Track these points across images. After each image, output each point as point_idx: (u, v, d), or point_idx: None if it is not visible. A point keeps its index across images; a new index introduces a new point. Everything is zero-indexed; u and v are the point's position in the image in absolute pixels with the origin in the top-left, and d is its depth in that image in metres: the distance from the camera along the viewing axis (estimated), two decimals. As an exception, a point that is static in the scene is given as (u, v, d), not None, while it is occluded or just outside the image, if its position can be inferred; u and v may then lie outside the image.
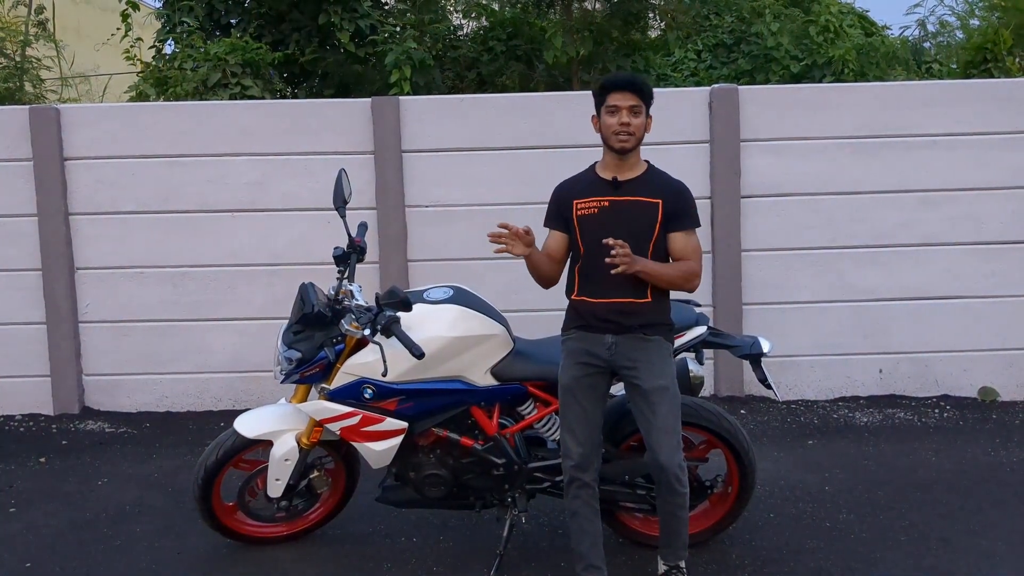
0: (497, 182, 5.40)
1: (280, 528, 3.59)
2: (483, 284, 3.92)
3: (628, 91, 2.86)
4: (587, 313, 2.95)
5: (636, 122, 2.87)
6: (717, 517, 3.47)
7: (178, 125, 5.40)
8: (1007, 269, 5.41)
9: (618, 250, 2.70)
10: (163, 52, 7.76)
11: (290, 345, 3.25)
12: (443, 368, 3.20)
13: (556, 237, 3.03)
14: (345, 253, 3.37)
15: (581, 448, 2.95)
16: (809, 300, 5.45)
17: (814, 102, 5.38)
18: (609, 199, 2.92)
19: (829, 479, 4.24)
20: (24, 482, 4.43)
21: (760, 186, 5.39)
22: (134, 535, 3.74)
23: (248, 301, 5.45)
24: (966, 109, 5.34)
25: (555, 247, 3.03)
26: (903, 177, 5.38)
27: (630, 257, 2.73)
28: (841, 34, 8.35)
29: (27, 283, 5.42)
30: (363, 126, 5.40)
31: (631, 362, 2.91)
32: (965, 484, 4.14)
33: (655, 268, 2.85)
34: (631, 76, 2.95)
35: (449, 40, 8.73)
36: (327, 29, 7.59)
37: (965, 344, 5.45)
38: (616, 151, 2.91)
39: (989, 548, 3.46)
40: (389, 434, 3.21)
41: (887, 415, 5.21)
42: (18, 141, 5.37)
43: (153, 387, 5.51)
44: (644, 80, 2.93)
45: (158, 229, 5.42)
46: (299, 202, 5.40)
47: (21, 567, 3.47)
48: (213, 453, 3.38)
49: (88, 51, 10.51)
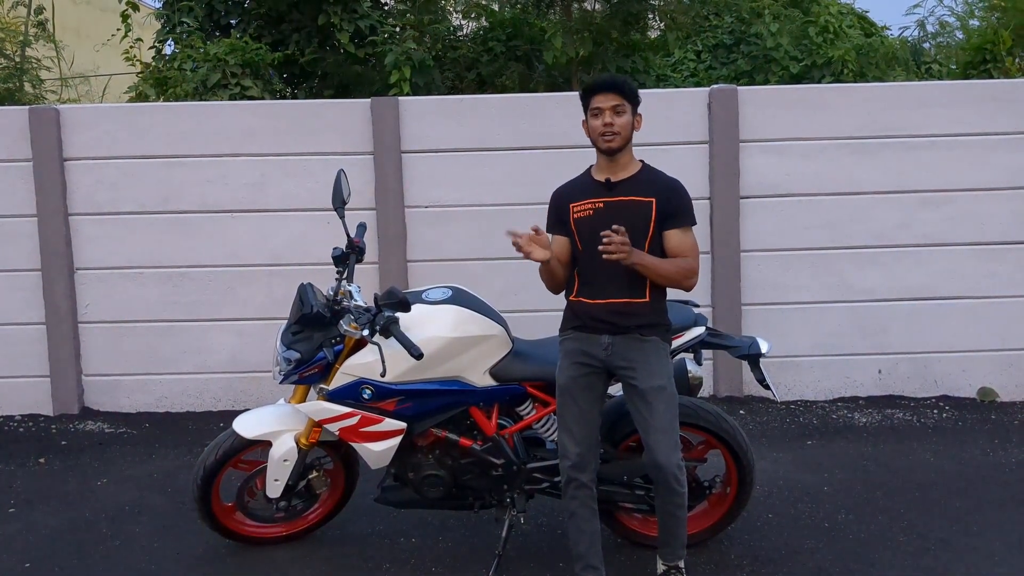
0: (497, 183, 5.40)
1: (279, 528, 3.59)
2: (482, 285, 3.93)
3: (609, 92, 2.87)
4: (584, 314, 2.95)
5: (620, 121, 2.88)
6: (716, 517, 3.47)
7: (178, 126, 5.41)
8: (1006, 269, 5.41)
9: (614, 237, 2.68)
10: (163, 53, 7.77)
11: (289, 345, 3.25)
12: (442, 369, 3.20)
13: (560, 242, 3.03)
14: (344, 253, 3.38)
15: (579, 448, 2.95)
16: (808, 300, 5.45)
17: (813, 102, 5.39)
18: (603, 200, 2.92)
19: (828, 479, 4.24)
20: (23, 482, 4.43)
21: (759, 186, 5.40)
22: (133, 535, 3.75)
23: (247, 301, 5.46)
24: (965, 110, 5.35)
25: (560, 252, 3.02)
26: (902, 177, 5.38)
27: (628, 246, 2.71)
28: (841, 35, 8.36)
29: (27, 283, 5.43)
30: (362, 127, 5.40)
31: (628, 362, 2.91)
32: (964, 485, 4.14)
33: (652, 261, 2.84)
34: (611, 77, 2.95)
35: (449, 41, 8.73)
36: (327, 29, 7.59)
37: (964, 344, 5.45)
38: (604, 152, 2.92)
39: (988, 548, 3.46)
40: (388, 434, 3.21)
41: (886, 415, 5.21)
42: (18, 142, 5.38)
43: (152, 387, 5.51)
44: (625, 80, 2.94)
45: (158, 229, 5.43)
46: (298, 202, 5.41)
47: (20, 567, 3.47)
48: (212, 453, 3.38)
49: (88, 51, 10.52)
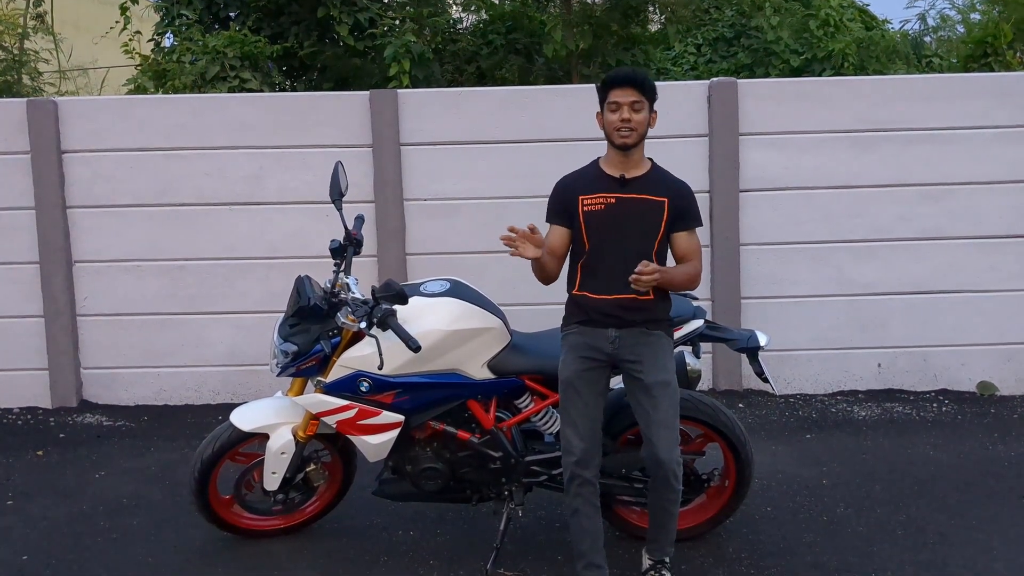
0: (496, 176, 5.39)
1: (277, 521, 3.59)
2: (481, 278, 3.91)
3: (629, 87, 2.84)
4: (590, 308, 2.93)
5: (637, 118, 2.85)
6: (714, 511, 3.47)
7: (176, 118, 5.39)
8: (1006, 263, 5.40)
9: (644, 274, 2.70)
10: (162, 45, 7.76)
11: (286, 338, 3.24)
12: (440, 361, 3.19)
13: (559, 232, 2.99)
14: (341, 246, 3.37)
15: (584, 443, 2.93)
16: (807, 294, 5.44)
17: (813, 96, 5.37)
18: (616, 196, 2.90)
19: (827, 473, 4.24)
20: (22, 475, 4.43)
21: (759, 180, 5.38)
22: (131, 528, 3.75)
23: (245, 294, 5.45)
24: (966, 103, 5.33)
25: (557, 243, 2.99)
26: (902, 171, 5.37)
27: (658, 273, 2.73)
28: (841, 28, 8.33)
29: (25, 276, 5.41)
30: (361, 119, 5.38)
31: (635, 356, 2.91)
32: (963, 478, 4.14)
33: (670, 275, 2.85)
34: (632, 72, 2.92)
35: (448, 33, 8.71)
36: (326, 22, 7.57)
37: (964, 338, 5.44)
38: (618, 147, 2.90)
39: (986, 542, 3.46)
40: (386, 427, 3.21)
41: (885, 409, 5.20)
42: (16, 134, 5.36)
43: (151, 380, 5.51)
44: (645, 75, 2.90)
45: (156, 222, 5.41)
46: (296, 195, 5.39)
47: (18, 560, 3.47)
48: (209, 446, 3.38)
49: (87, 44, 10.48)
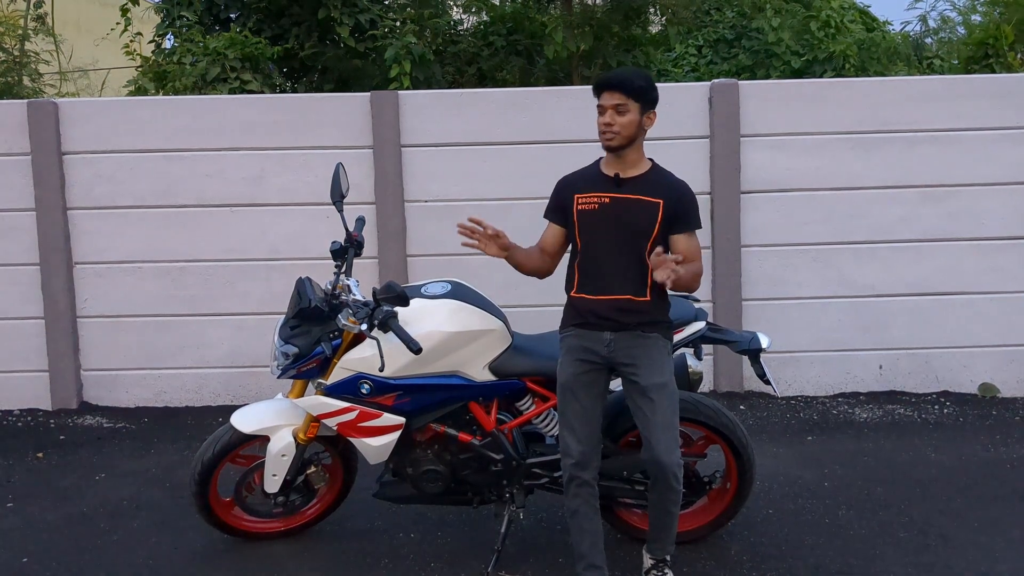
0: (496, 177, 5.38)
1: (277, 524, 3.58)
2: (482, 279, 3.90)
3: (612, 90, 2.83)
4: (586, 310, 2.93)
5: (621, 120, 2.83)
6: (715, 513, 3.46)
7: (177, 120, 5.38)
8: (1007, 265, 5.39)
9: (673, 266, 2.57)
10: (162, 47, 7.76)
11: (287, 340, 3.23)
12: (441, 363, 3.19)
13: (553, 230, 3.01)
14: (342, 248, 3.36)
15: (581, 446, 2.93)
16: (809, 296, 5.44)
17: (814, 97, 5.36)
18: (610, 195, 2.89)
19: (828, 475, 4.23)
20: (22, 477, 4.42)
21: (760, 181, 5.38)
22: (131, 530, 3.74)
23: (246, 296, 5.44)
24: (967, 104, 5.32)
25: (551, 240, 3.01)
26: (903, 172, 5.36)
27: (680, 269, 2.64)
28: (842, 29, 8.33)
29: (25, 278, 5.41)
30: (362, 121, 5.38)
31: (630, 359, 2.90)
32: (965, 480, 4.13)
33: (682, 273, 2.68)
34: (616, 75, 2.90)
35: (449, 35, 8.72)
36: (327, 24, 7.58)
37: (965, 340, 5.44)
38: (605, 149, 2.91)
39: (988, 544, 3.45)
40: (386, 429, 3.20)
41: (887, 411, 5.20)
42: (16, 135, 5.36)
43: (151, 382, 5.50)
44: (629, 78, 2.86)
45: (156, 224, 5.41)
46: (297, 197, 5.39)
47: (18, 561, 3.46)
48: (210, 448, 3.37)
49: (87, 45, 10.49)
